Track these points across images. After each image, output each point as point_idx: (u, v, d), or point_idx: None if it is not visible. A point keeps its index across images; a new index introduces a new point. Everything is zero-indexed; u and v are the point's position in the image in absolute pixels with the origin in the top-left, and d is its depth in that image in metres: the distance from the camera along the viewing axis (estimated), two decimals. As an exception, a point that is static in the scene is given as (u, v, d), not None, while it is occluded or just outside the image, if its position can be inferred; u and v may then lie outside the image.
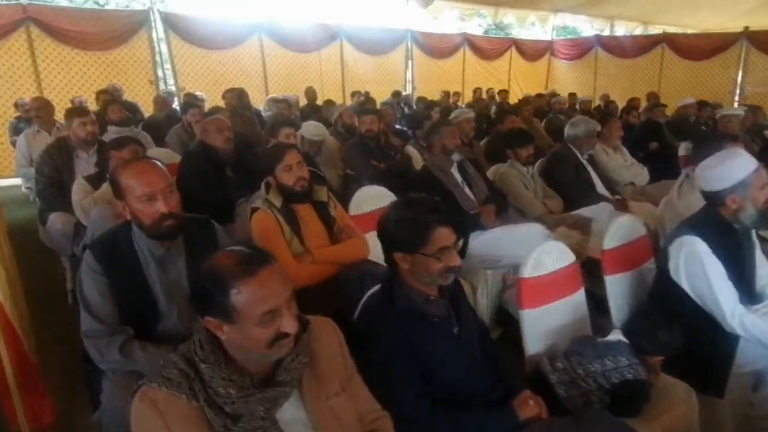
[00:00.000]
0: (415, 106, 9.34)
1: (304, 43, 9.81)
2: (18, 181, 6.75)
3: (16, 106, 6.98)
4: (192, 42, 8.75)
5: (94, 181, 3.07)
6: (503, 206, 3.24)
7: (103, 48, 8.03)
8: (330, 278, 2.35)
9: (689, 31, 13.53)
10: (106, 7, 8.38)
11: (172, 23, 8.54)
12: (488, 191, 3.25)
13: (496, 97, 10.17)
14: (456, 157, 3.23)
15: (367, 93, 8.53)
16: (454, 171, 3.23)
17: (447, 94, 9.61)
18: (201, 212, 2.21)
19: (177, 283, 1.84)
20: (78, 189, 3.04)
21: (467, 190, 3.19)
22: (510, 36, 16.05)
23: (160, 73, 8.71)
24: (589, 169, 3.93)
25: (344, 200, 3.06)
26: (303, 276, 2.31)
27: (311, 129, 4.24)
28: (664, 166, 4.83)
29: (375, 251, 2.59)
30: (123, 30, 8.16)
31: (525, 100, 8.66)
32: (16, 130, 6.72)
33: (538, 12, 12.73)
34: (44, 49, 7.70)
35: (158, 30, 8.52)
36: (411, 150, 4.36)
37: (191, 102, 5.90)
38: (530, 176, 3.64)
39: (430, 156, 3.22)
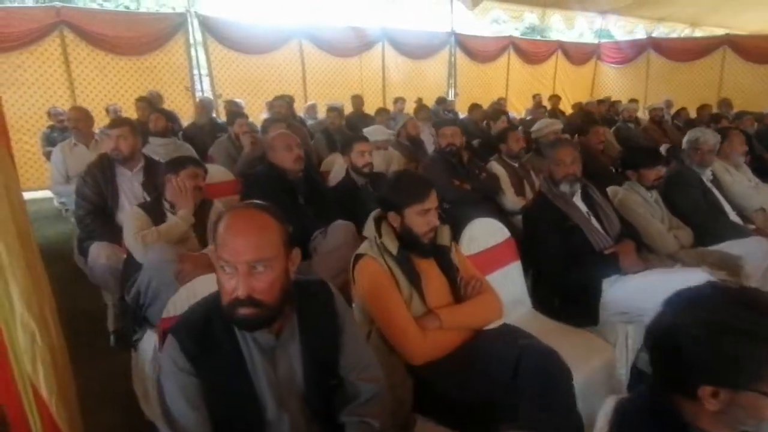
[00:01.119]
0: (461, 114, 8.77)
1: (345, 48, 9.35)
2: (50, 193, 6.37)
3: (50, 114, 6.60)
4: (230, 46, 8.35)
5: (152, 209, 2.56)
6: (639, 242, 2.64)
7: (138, 53, 7.67)
8: (464, 354, 1.79)
9: (739, 33, 12.74)
10: (142, 10, 7.96)
11: (209, 27, 8.14)
12: (620, 223, 2.65)
13: (545, 103, 9.54)
14: (566, 186, 2.62)
15: (420, 99, 7.97)
16: (577, 200, 2.65)
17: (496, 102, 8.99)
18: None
19: (289, 380, 1.31)
20: (134, 217, 2.51)
21: (595, 222, 2.60)
22: (547, 39, 15.42)
23: (196, 78, 8.30)
24: (715, 192, 3.33)
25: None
26: (428, 349, 1.76)
27: (373, 132, 3.78)
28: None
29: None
30: (159, 34, 7.78)
31: (586, 108, 8.05)
32: (48, 141, 6.36)
33: (585, 14, 12.14)
34: (78, 54, 7.37)
35: (195, 34, 8.11)
36: (496, 168, 3.79)
37: (238, 111, 5.41)
38: (654, 202, 3.04)
39: (548, 181, 2.64)
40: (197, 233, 2.58)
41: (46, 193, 6.67)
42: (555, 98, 9.06)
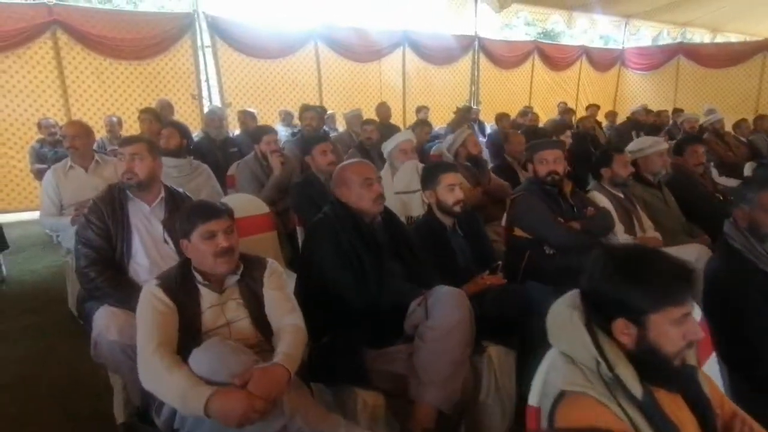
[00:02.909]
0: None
1: (365, 52, 8.61)
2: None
3: (40, 126, 5.78)
4: (241, 50, 7.58)
5: (177, 286, 1.74)
6: None
7: (140, 57, 6.87)
8: None
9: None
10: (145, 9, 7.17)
11: (219, 29, 7.35)
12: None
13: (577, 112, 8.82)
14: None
15: (461, 108, 7.16)
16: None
17: (526, 110, 8.24)
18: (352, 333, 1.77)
19: None
20: (146, 302, 1.70)
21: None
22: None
23: (203, 85, 7.51)
24: None
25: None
26: None
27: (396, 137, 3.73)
28: None
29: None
30: (164, 36, 6.98)
31: (634, 119, 7.36)
32: (38, 156, 5.55)
33: (611, 17, 11.52)
34: (72, 58, 6.57)
35: (203, 36, 7.32)
36: (599, 198, 3.04)
37: (265, 125, 4.62)
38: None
39: (744, 233, 1.88)
40: (251, 312, 1.79)
41: (35, 215, 5.85)
42: (593, 107, 8.29)
